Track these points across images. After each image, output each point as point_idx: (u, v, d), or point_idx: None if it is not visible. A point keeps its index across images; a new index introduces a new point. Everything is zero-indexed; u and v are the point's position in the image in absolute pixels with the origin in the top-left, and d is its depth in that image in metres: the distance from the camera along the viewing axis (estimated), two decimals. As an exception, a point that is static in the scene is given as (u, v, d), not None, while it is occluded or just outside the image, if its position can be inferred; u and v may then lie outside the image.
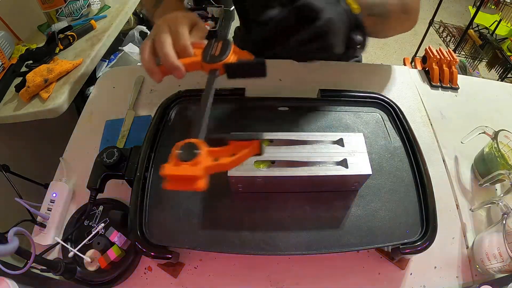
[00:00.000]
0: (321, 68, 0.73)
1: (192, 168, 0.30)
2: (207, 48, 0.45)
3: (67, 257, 0.47)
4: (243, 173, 0.40)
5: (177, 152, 0.30)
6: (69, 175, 0.59)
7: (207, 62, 0.43)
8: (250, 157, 0.33)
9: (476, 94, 0.71)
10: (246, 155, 0.33)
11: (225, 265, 0.48)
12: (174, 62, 0.43)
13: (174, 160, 0.30)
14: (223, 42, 0.45)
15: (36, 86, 0.89)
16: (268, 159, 0.41)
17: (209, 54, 0.44)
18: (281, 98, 0.56)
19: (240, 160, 0.33)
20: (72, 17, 1.17)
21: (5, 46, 1.05)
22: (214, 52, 0.44)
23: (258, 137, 0.33)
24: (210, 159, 0.32)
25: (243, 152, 0.32)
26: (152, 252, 0.40)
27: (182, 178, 0.30)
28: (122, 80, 0.74)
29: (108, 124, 0.66)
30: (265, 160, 0.41)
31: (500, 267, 0.44)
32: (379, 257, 0.48)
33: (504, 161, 0.52)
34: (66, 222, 0.53)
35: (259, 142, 0.32)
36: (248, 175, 0.40)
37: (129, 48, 1.37)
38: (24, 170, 0.80)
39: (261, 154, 0.33)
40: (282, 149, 0.41)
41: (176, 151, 0.30)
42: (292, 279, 0.47)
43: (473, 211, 0.53)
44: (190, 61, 0.44)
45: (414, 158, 0.48)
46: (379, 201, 0.45)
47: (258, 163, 0.40)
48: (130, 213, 0.42)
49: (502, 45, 1.92)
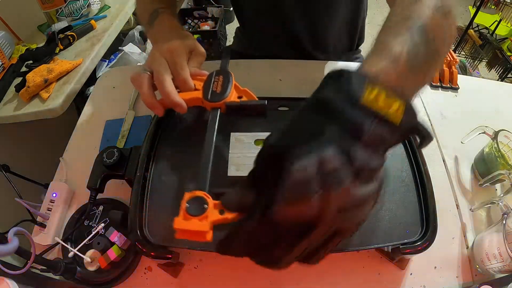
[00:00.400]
0: (321, 68, 0.73)
1: (200, 223, 0.31)
2: (207, 83, 0.45)
3: (67, 257, 0.47)
4: (242, 173, 0.40)
5: (186, 206, 0.32)
6: (69, 175, 0.59)
7: (209, 101, 0.43)
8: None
9: (476, 94, 0.70)
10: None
11: (225, 265, 0.48)
12: (175, 100, 0.43)
13: (183, 213, 0.32)
14: (223, 76, 0.45)
15: (36, 86, 0.89)
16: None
17: (210, 90, 0.44)
18: (281, 98, 0.56)
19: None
20: (72, 17, 1.17)
21: (5, 46, 1.05)
22: (215, 88, 0.44)
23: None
24: (216, 213, 0.33)
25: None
26: (152, 252, 0.40)
27: (191, 231, 0.32)
28: (122, 80, 0.74)
29: (108, 124, 0.66)
30: None
31: (500, 267, 0.44)
32: (379, 257, 0.48)
33: (504, 161, 0.52)
34: (66, 222, 0.53)
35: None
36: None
37: (129, 48, 1.37)
38: (24, 170, 0.80)
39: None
40: None
41: (185, 205, 0.32)
42: (292, 279, 0.47)
43: (473, 211, 0.53)
44: (191, 96, 0.45)
45: (414, 158, 0.48)
46: (379, 201, 0.45)
47: None
48: (130, 213, 0.42)
49: (502, 45, 1.92)
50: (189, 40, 0.50)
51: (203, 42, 1.85)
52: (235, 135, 0.42)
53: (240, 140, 0.42)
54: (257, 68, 0.73)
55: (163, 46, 0.48)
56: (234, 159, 0.40)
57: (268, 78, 0.71)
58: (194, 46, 0.50)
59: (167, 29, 0.54)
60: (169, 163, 0.47)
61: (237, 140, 0.42)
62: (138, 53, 1.39)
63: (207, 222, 0.32)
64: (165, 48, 0.47)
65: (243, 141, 0.42)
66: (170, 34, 0.51)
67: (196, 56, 0.50)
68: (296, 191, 0.24)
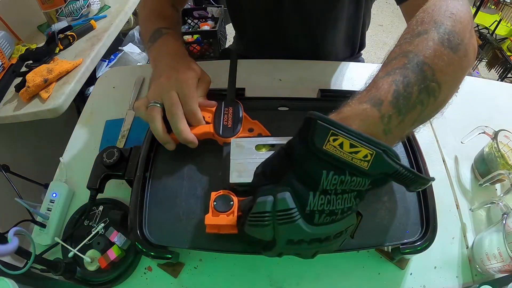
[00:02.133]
0: (321, 68, 0.73)
1: (228, 218, 0.37)
2: (217, 115, 0.46)
3: (67, 257, 0.47)
4: (245, 179, 0.40)
5: (214, 204, 0.37)
6: (69, 175, 0.59)
7: (221, 136, 0.45)
8: None
9: (476, 94, 0.70)
10: None
11: (225, 265, 0.48)
12: (188, 138, 0.44)
13: (212, 210, 0.37)
14: (233, 108, 0.47)
15: (36, 86, 0.89)
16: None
17: (221, 125, 0.45)
18: (281, 98, 0.56)
19: None
20: (72, 17, 1.17)
21: (5, 46, 1.05)
22: (225, 121, 0.46)
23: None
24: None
25: None
26: (152, 252, 0.40)
27: (220, 225, 0.37)
28: (122, 80, 0.74)
29: (108, 124, 0.66)
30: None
31: (500, 267, 0.44)
32: (379, 257, 0.48)
33: (504, 161, 0.52)
34: (66, 222, 0.53)
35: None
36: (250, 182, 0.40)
37: (129, 48, 1.37)
38: (24, 170, 0.80)
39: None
40: None
41: (213, 203, 0.37)
42: (292, 279, 0.47)
43: (473, 211, 0.53)
44: (203, 131, 0.46)
45: (414, 158, 0.48)
46: (379, 201, 0.45)
47: None
48: (130, 213, 0.42)
49: (502, 45, 1.92)
50: (195, 67, 0.49)
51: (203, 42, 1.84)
52: (235, 140, 0.42)
53: (241, 145, 0.42)
54: (257, 68, 0.73)
55: (171, 75, 0.46)
56: (235, 165, 0.40)
57: (268, 78, 0.71)
58: (200, 74, 0.49)
59: (172, 52, 0.52)
60: (169, 163, 0.47)
61: (237, 146, 0.42)
62: (138, 53, 1.39)
63: (234, 216, 0.37)
64: (174, 78, 0.46)
65: (244, 146, 0.42)
66: (174, 59, 0.50)
67: (203, 83, 0.49)
68: (255, 218, 0.30)
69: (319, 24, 0.70)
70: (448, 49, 0.32)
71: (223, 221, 0.36)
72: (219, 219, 0.37)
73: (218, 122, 0.46)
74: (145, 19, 0.61)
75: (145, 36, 0.58)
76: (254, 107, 0.52)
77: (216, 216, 0.37)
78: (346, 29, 0.75)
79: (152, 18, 0.60)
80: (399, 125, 0.30)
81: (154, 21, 0.59)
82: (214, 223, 0.37)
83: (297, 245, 0.29)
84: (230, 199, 0.37)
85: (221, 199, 0.38)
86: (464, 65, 0.34)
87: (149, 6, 0.63)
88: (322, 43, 0.76)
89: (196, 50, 1.86)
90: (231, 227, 0.37)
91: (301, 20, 0.70)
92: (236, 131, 0.45)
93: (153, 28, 0.56)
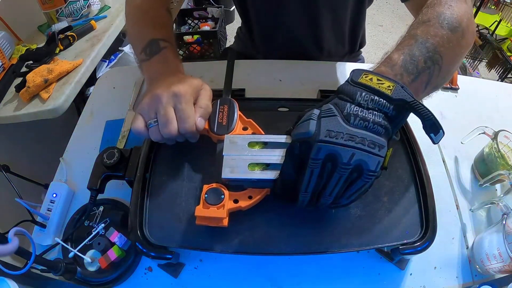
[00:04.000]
0: (321, 68, 0.73)
1: (218, 211, 0.38)
2: (213, 113, 0.46)
3: (67, 257, 0.47)
4: (236, 175, 0.40)
5: (205, 196, 0.38)
6: (69, 175, 0.59)
7: (215, 133, 0.45)
8: (263, 198, 0.41)
9: (476, 94, 0.71)
10: (260, 198, 0.41)
11: (225, 265, 0.48)
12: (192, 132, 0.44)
13: (203, 203, 0.38)
14: (228, 107, 0.47)
15: (36, 86, 0.89)
16: (263, 162, 0.41)
17: (216, 122, 0.45)
18: (281, 98, 0.56)
19: (255, 202, 0.41)
20: (72, 18, 1.17)
21: (5, 46, 1.05)
22: (220, 119, 0.46)
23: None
24: (231, 202, 0.40)
25: (258, 197, 0.41)
26: (152, 252, 0.40)
27: (210, 218, 0.38)
28: (122, 80, 0.74)
29: (108, 125, 0.66)
30: (260, 163, 0.40)
31: (500, 267, 0.44)
32: (379, 257, 0.48)
33: (504, 161, 0.52)
34: (66, 222, 0.53)
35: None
36: (242, 178, 0.40)
37: (129, 48, 1.37)
38: (24, 170, 0.80)
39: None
40: (276, 151, 0.41)
41: (204, 196, 0.38)
42: (292, 279, 0.47)
43: (473, 211, 0.53)
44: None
45: (414, 158, 0.48)
46: (379, 201, 0.45)
47: (252, 166, 0.40)
48: (130, 214, 0.42)
49: (502, 45, 1.92)
50: (195, 80, 0.46)
51: (203, 42, 1.85)
52: (229, 137, 0.42)
53: (234, 142, 0.42)
54: (257, 68, 0.73)
55: (168, 88, 0.43)
56: (228, 161, 0.40)
57: (268, 78, 0.71)
58: (201, 87, 0.46)
59: (172, 70, 0.50)
60: (169, 164, 0.47)
61: (231, 142, 0.42)
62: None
63: (224, 210, 0.38)
64: (171, 92, 0.43)
65: (237, 143, 0.42)
66: (173, 77, 0.47)
67: (205, 91, 0.46)
68: (304, 119, 0.36)
69: (322, 20, 0.71)
70: (448, 30, 0.41)
71: (213, 213, 0.38)
72: (209, 211, 0.38)
73: (213, 119, 0.46)
74: (136, 21, 0.56)
75: (136, 43, 0.54)
76: (254, 108, 0.52)
77: (207, 208, 0.38)
78: (348, 24, 0.76)
79: (147, 23, 0.55)
80: (412, 83, 0.38)
81: (150, 28, 0.54)
82: (204, 215, 0.38)
83: (334, 136, 0.33)
84: (221, 193, 0.39)
85: (213, 192, 0.39)
86: (462, 44, 0.43)
87: (139, 4, 0.57)
88: (325, 37, 0.76)
89: (196, 50, 1.86)
90: (220, 220, 0.38)
91: (304, 11, 0.70)
92: (230, 128, 0.45)
93: (149, 37, 0.52)
